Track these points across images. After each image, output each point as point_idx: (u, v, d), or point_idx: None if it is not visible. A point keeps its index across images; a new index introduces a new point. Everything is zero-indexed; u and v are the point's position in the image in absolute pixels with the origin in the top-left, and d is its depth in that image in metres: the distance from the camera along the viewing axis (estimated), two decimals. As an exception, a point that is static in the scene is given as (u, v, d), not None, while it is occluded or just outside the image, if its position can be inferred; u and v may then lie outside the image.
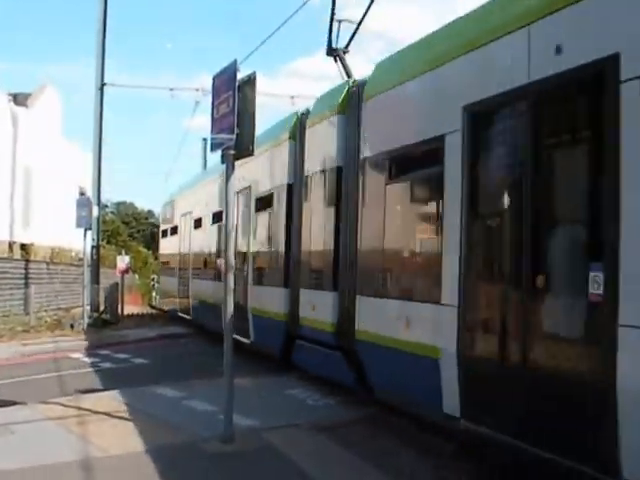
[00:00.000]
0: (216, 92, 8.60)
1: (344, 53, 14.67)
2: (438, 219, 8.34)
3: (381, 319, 9.33)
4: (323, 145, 12.06)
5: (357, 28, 14.04)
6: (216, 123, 8.46)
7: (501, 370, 6.91)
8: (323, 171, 11.91)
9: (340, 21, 14.47)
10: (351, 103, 11.07)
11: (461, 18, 8.45)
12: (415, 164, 9.03)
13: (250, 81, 8.20)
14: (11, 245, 31.44)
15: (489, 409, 7.06)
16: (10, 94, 33.09)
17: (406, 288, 9.08)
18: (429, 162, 8.53)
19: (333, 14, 14.27)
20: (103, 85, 27.12)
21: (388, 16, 67.37)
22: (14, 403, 10.66)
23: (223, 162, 8.53)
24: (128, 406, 10.14)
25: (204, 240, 21.69)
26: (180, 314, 24.58)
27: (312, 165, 12.48)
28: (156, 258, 43.19)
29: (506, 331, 7.01)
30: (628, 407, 5.29)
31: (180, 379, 12.64)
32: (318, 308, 11.58)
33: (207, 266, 20.96)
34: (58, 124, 40.21)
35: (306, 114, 13.61)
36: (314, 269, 12.27)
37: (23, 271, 27.62)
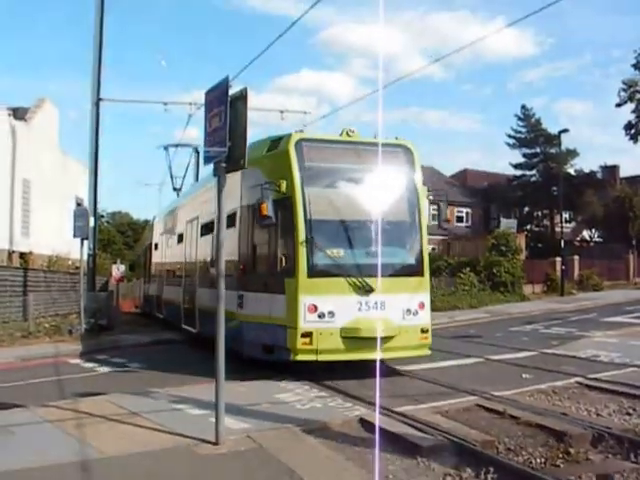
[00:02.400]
0: (209, 107, 8.61)
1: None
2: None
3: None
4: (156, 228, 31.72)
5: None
6: (209, 137, 8.47)
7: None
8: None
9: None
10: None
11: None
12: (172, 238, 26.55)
13: (242, 96, 8.22)
14: (10, 254, 31.33)
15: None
16: (9, 108, 33.03)
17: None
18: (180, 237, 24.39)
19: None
20: (99, 100, 27.10)
21: (371, 35, 68.00)
22: (15, 406, 10.62)
23: (215, 174, 8.53)
24: (124, 409, 10.13)
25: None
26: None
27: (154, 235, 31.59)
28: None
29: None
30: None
31: (173, 383, 12.67)
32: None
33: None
34: (55, 137, 40.15)
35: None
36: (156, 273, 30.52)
37: (22, 279, 27.50)
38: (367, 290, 13.44)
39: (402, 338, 13.64)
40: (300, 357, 13.20)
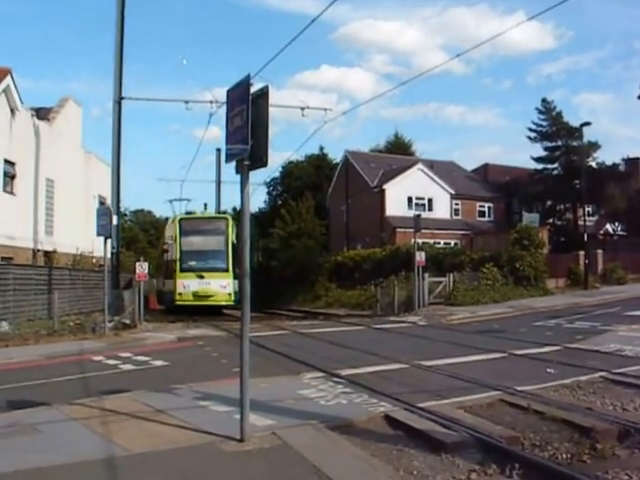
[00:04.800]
0: (231, 105, 8.58)
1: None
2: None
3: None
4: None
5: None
6: (231, 135, 8.44)
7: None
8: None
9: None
10: None
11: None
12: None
13: (263, 94, 8.20)
14: (35, 253, 31.60)
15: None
16: (33, 109, 33.27)
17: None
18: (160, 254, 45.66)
19: None
20: (121, 99, 27.24)
21: (390, 31, 67.79)
22: (40, 404, 10.70)
23: (237, 172, 8.50)
24: (149, 407, 10.18)
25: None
26: None
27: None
28: None
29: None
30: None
31: (198, 380, 12.69)
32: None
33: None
34: (78, 136, 40.38)
35: None
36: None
37: (47, 277, 27.75)
38: (202, 277, 35.43)
39: (218, 297, 35.43)
40: (178, 303, 35.71)
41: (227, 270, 36.08)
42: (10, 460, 7.45)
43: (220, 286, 35.60)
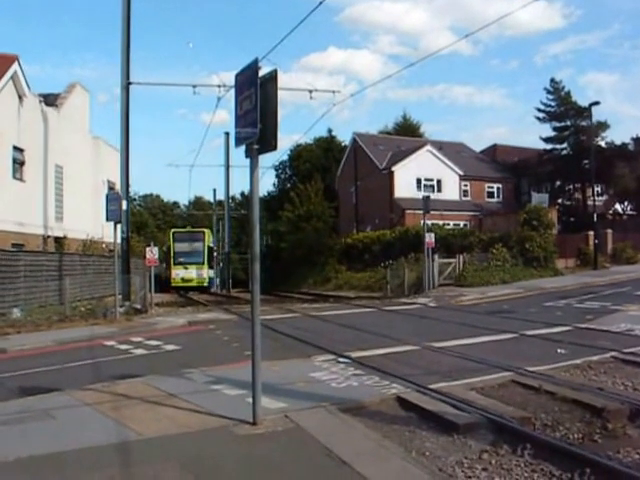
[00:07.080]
0: (239, 89, 8.56)
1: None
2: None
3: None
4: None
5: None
6: (240, 119, 8.42)
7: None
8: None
9: None
10: None
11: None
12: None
13: (271, 78, 8.17)
14: (45, 239, 31.64)
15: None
16: (40, 95, 33.22)
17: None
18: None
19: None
20: (129, 84, 27.17)
21: (397, 12, 67.32)
22: (53, 389, 10.75)
23: (247, 156, 8.48)
24: (161, 391, 10.22)
25: None
26: None
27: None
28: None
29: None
30: None
31: (210, 364, 12.73)
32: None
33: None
34: (86, 121, 40.31)
35: None
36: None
37: (57, 263, 27.78)
38: (187, 268, 58.47)
39: (197, 280, 58.28)
40: (172, 285, 56.34)
41: (203, 263, 58.97)
42: (25, 445, 7.50)
43: (198, 274, 58.58)
